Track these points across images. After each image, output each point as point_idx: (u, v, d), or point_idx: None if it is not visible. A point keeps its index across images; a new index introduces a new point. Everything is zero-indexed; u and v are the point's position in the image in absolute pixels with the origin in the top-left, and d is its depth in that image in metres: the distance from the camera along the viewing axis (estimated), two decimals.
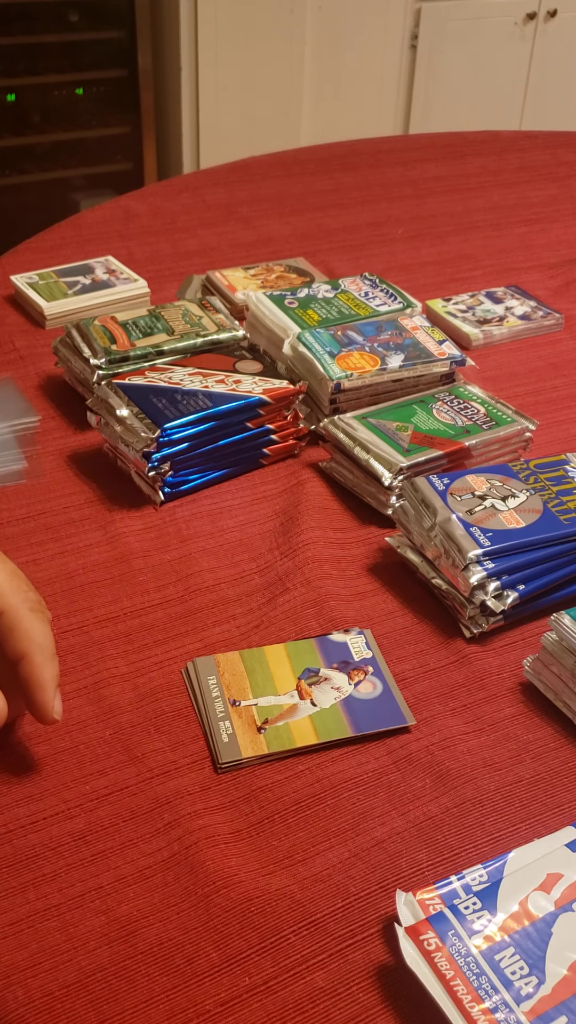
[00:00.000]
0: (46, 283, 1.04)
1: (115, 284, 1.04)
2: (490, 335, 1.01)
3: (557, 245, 1.26)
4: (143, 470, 0.75)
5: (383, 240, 1.24)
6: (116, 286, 1.04)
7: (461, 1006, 0.42)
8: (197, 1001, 0.44)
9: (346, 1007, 0.44)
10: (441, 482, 0.69)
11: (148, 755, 0.56)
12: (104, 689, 0.60)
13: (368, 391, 0.83)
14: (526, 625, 0.66)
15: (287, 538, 0.73)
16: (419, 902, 0.46)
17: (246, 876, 0.49)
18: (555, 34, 2.91)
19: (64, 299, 1.01)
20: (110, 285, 1.04)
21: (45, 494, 0.77)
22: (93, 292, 1.02)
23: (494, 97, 2.95)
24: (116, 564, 0.70)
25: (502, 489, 0.68)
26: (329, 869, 0.50)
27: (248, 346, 0.86)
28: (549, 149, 1.60)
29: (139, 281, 1.05)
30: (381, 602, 0.68)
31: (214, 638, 0.64)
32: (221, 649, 0.63)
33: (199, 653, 0.62)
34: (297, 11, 2.58)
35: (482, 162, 1.53)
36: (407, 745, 0.56)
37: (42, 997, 0.44)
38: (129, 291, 1.04)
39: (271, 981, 0.45)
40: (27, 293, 1.02)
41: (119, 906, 0.48)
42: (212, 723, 0.57)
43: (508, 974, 0.43)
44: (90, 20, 2.57)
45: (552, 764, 0.56)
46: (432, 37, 2.76)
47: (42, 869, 0.50)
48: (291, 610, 0.66)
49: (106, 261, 1.08)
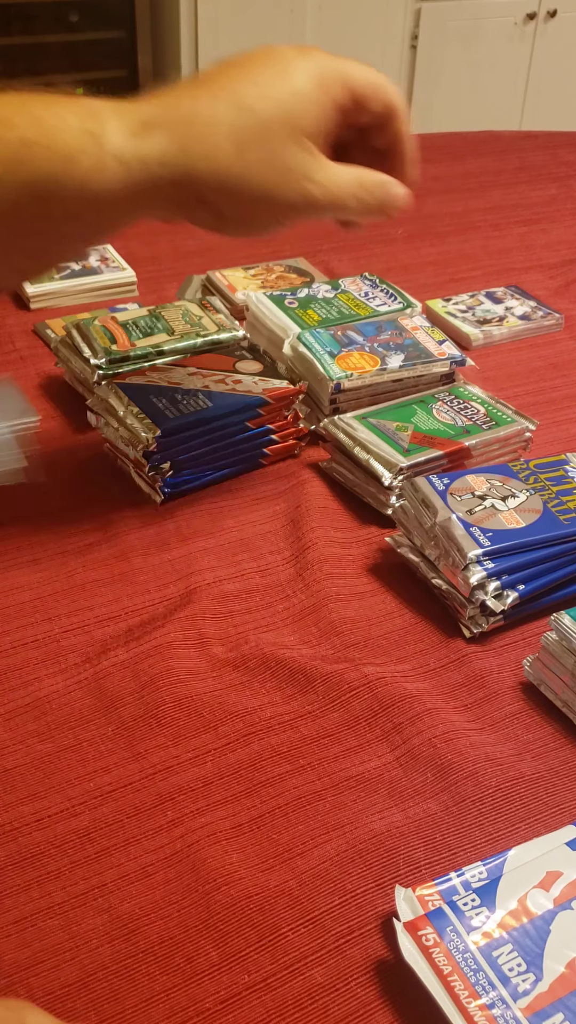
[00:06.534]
0: None
1: (103, 272, 1.07)
2: (490, 335, 1.01)
3: (557, 245, 1.26)
4: (143, 470, 0.75)
5: (383, 240, 1.24)
6: (103, 274, 1.06)
7: (458, 1002, 0.42)
8: (197, 999, 0.45)
9: (344, 1003, 0.45)
10: (441, 482, 0.69)
11: (151, 751, 0.56)
12: (106, 687, 0.60)
13: (368, 391, 0.84)
14: (526, 625, 0.66)
15: (287, 538, 0.73)
16: (418, 898, 0.46)
17: (246, 872, 0.50)
18: (555, 34, 2.91)
19: (50, 282, 1.04)
20: (98, 272, 1.06)
21: (45, 494, 0.77)
22: (80, 278, 1.05)
23: (494, 97, 2.95)
24: (116, 564, 0.70)
25: (502, 489, 0.69)
26: (327, 863, 0.50)
27: (248, 346, 0.86)
28: (549, 149, 1.60)
29: (127, 270, 1.07)
30: (381, 602, 0.68)
31: (214, 638, 0.64)
32: (221, 649, 0.63)
33: (199, 652, 0.63)
34: (297, 11, 2.58)
35: (482, 162, 1.54)
36: (410, 740, 0.57)
37: (44, 996, 0.45)
38: (115, 279, 1.06)
39: (270, 978, 0.45)
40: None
41: (121, 904, 0.48)
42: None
43: (506, 971, 0.43)
44: (90, 20, 2.57)
45: (552, 763, 0.56)
46: (432, 37, 2.76)
47: (46, 867, 0.50)
48: (291, 610, 0.66)
49: (103, 248, 1.11)
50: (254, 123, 0.55)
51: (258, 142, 0.55)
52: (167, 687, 0.60)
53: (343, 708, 0.59)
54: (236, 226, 0.59)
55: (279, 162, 0.56)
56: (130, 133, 0.53)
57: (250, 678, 0.61)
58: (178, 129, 0.54)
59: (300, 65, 0.57)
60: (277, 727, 0.58)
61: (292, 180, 0.57)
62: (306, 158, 0.57)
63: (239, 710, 0.59)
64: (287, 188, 0.57)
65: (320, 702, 0.59)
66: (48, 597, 0.67)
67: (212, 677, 0.61)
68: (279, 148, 0.56)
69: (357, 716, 0.58)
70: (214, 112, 0.54)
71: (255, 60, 0.57)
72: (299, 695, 0.60)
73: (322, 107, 0.57)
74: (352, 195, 0.59)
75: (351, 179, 0.59)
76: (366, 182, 0.59)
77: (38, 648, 0.63)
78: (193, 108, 0.55)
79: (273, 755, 0.56)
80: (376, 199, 0.60)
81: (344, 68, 0.58)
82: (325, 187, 0.57)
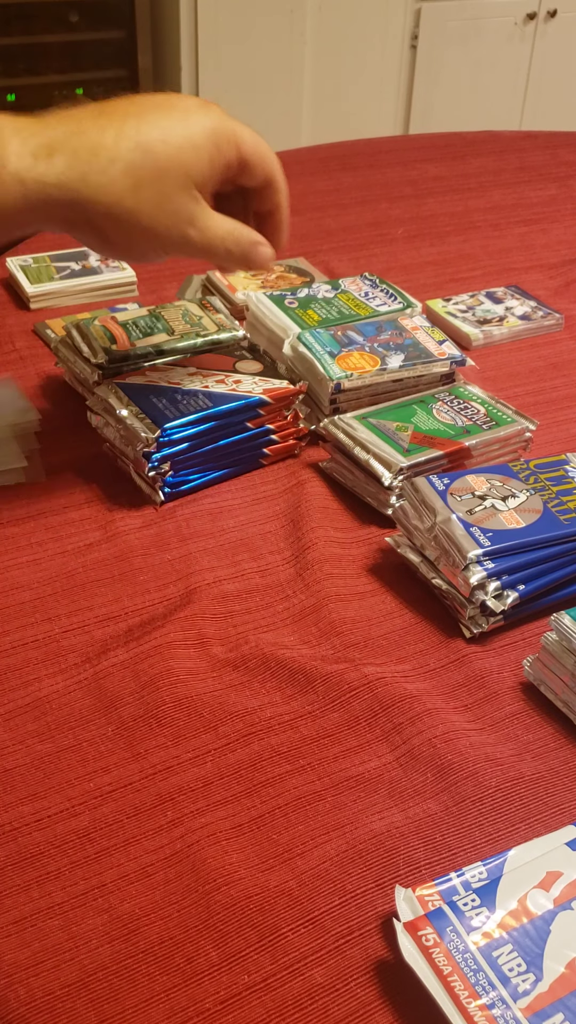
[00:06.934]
0: (38, 266, 1.07)
1: (103, 272, 1.07)
2: (490, 335, 1.01)
3: (557, 245, 1.26)
4: (143, 470, 0.75)
5: (383, 240, 1.24)
6: (103, 273, 1.06)
7: (458, 1002, 0.42)
8: (197, 1000, 0.45)
9: (344, 1003, 0.45)
10: (441, 482, 0.69)
11: (151, 751, 0.56)
12: (106, 687, 0.60)
13: (368, 391, 0.84)
14: (526, 625, 0.66)
15: (287, 538, 0.73)
16: (418, 898, 0.46)
17: (246, 872, 0.50)
18: (555, 34, 2.91)
19: (49, 283, 1.04)
20: (98, 272, 1.06)
21: (45, 494, 0.77)
22: (80, 278, 1.05)
23: (494, 97, 2.95)
24: (116, 564, 0.70)
25: (502, 489, 0.69)
26: (327, 863, 0.50)
27: (248, 346, 0.86)
28: (549, 149, 1.60)
29: (127, 270, 1.07)
30: (381, 602, 0.68)
31: (214, 638, 0.64)
32: (221, 649, 0.63)
33: (199, 652, 0.63)
34: (297, 11, 2.58)
35: (482, 162, 1.54)
36: (410, 740, 0.57)
37: (44, 996, 0.45)
38: (115, 279, 1.06)
39: (270, 979, 0.45)
40: (16, 276, 1.06)
41: (121, 904, 0.48)
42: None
43: (506, 971, 0.43)
44: (90, 20, 2.57)
45: (552, 763, 0.56)
46: (432, 37, 2.76)
47: (46, 867, 0.50)
48: (291, 610, 0.66)
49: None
50: (152, 165, 0.60)
51: (152, 183, 0.60)
52: (167, 687, 0.60)
53: (343, 708, 0.59)
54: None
55: (168, 204, 0.61)
56: (31, 155, 0.58)
57: (250, 678, 0.61)
58: (79, 156, 0.59)
59: (200, 119, 0.63)
60: (277, 727, 0.58)
61: (176, 222, 0.63)
62: (192, 205, 0.63)
63: (239, 710, 0.59)
64: (171, 228, 0.63)
65: (320, 702, 0.59)
66: (48, 597, 0.67)
67: (212, 677, 0.61)
68: (170, 191, 0.61)
69: (357, 716, 0.59)
70: (117, 147, 0.59)
71: (160, 105, 0.62)
72: (299, 695, 0.60)
73: (213, 162, 0.63)
74: (223, 245, 0.66)
75: (226, 231, 0.65)
76: (239, 237, 0.66)
77: (38, 648, 0.63)
78: (98, 139, 0.59)
79: (273, 755, 0.56)
80: (243, 253, 0.67)
81: (238, 132, 0.64)
82: (203, 234, 0.64)
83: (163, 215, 0.62)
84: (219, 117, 0.64)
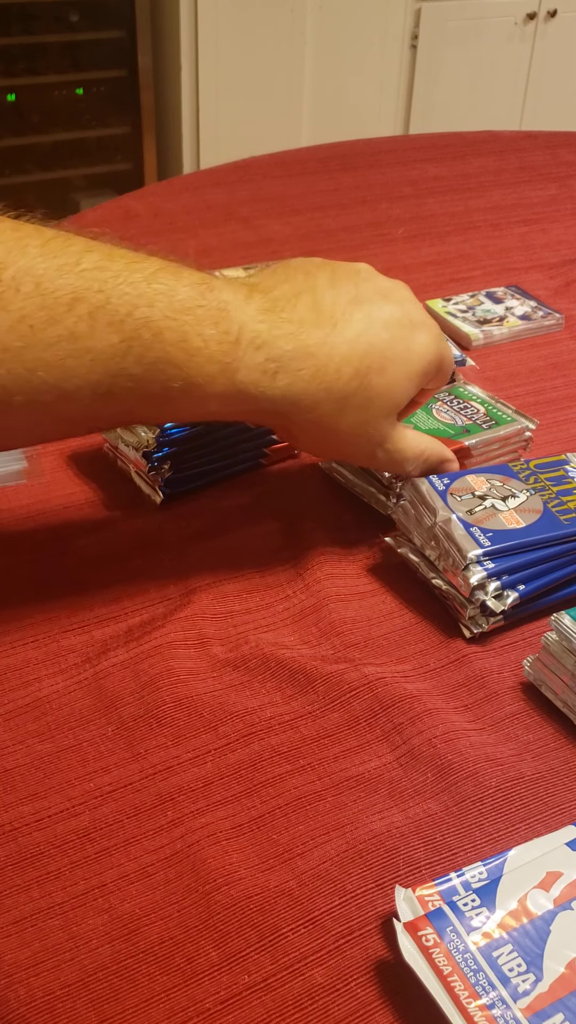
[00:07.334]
0: None
1: None
2: (490, 335, 1.01)
3: (557, 245, 1.26)
4: (143, 470, 0.75)
5: (383, 240, 1.25)
6: None
7: (458, 1002, 0.42)
8: (197, 1000, 0.45)
9: (344, 1003, 0.45)
10: (441, 482, 0.69)
11: (151, 751, 0.56)
12: (106, 687, 0.60)
13: None
14: (526, 625, 0.66)
15: (287, 538, 0.73)
16: (418, 898, 0.46)
17: (246, 872, 0.50)
18: (555, 34, 2.92)
19: None
20: None
21: (45, 494, 0.77)
22: None
23: (494, 97, 2.95)
24: (116, 564, 0.70)
25: (502, 489, 0.69)
26: (327, 863, 0.50)
27: None
28: (549, 149, 1.60)
29: None
30: (381, 602, 0.68)
31: (214, 638, 0.64)
32: (221, 649, 0.63)
33: (199, 652, 0.63)
34: (297, 11, 2.58)
35: (482, 162, 1.54)
36: (410, 740, 0.57)
37: (44, 996, 0.45)
38: None
39: (270, 979, 0.45)
40: None
41: (121, 904, 0.48)
42: None
43: (506, 971, 0.43)
44: (90, 20, 2.57)
45: (552, 763, 0.56)
46: (432, 37, 2.76)
47: (46, 867, 0.50)
48: (291, 610, 0.66)
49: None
50: (363, 396, 0.60)
51: (359, 410, 0.61)
52: (167, 687, 0.60)
53: (343, 708, 0.59)
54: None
55: (367, 428, 0.62)
56: (261, 371, 0.57)
57: (250, 678, 0.61)
58: (301, 377, 0.58)
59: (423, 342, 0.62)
60: (277, 727, 0.58)
61: (368, 443, 0.63)
62: (387, 428, 0.63)
63: (239, 710, 0.59)
64: (361, 447, 0.64)
65: (320, 702, 0.59)
66: (48, 597, 0.67)
67: (212, 677, 0.61)
68: (374, 419, 0.62)
69: (357, 716, 0.59)
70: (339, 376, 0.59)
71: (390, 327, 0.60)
72: (299, 695, 0.60)
73: (417, 388, 0.64)
74: (411, 464, 0.67)
75: (415, 452, 0.66)
76: (428, 456, 0.68)
77: (38, 648, 0.63)
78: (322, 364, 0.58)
79: (273, 755, 0.56)
80: (430, 470, 0.69)
81: (446, 354, 0.65)
82: (391, 455, 0.65)
83: (359, 438, 0.62)
84: (437, 337, 0.63)
